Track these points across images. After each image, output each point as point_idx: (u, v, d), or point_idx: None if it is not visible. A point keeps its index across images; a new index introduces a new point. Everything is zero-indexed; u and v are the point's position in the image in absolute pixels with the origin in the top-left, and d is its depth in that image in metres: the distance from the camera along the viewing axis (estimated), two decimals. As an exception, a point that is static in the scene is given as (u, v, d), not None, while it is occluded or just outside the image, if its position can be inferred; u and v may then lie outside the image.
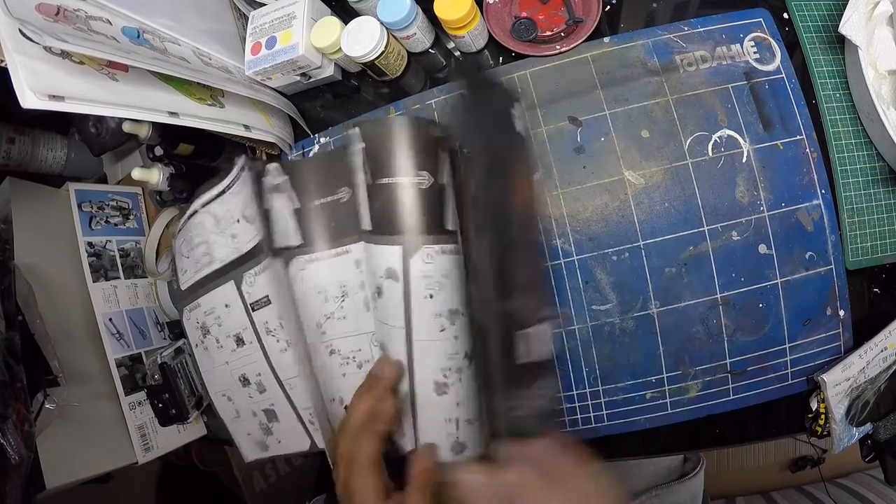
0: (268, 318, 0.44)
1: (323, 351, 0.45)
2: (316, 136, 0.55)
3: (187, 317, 0.51)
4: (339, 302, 0.44)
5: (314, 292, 0.45)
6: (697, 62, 0.47)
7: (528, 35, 0.48)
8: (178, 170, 0.56)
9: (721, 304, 0.45)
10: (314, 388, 0.43)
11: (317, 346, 0.45)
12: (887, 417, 0.45)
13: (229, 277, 0.46)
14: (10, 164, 0.64)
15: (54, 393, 0.50)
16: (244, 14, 0.53)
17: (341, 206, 0.44)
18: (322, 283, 0.44)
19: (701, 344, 0.46)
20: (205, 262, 0.48)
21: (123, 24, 0.42)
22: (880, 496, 0.78)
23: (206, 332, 0.49)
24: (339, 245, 0.44)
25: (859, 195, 0.45)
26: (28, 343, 0.49)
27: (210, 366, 0.51)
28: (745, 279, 0.45)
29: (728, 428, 0.48)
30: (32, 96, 0.32)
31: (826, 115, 0.46)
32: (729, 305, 0.45)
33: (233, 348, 0.48)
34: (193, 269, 0.49)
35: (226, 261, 0.46)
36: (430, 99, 0.51)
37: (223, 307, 0.47)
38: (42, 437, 0.47)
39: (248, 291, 0.45)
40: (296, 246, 0.45)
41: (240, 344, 0.47)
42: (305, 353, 0.44)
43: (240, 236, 0.45)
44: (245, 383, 0.48)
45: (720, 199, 0.45)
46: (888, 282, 0.46)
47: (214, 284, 0.47)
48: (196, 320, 0.50)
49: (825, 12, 0.47)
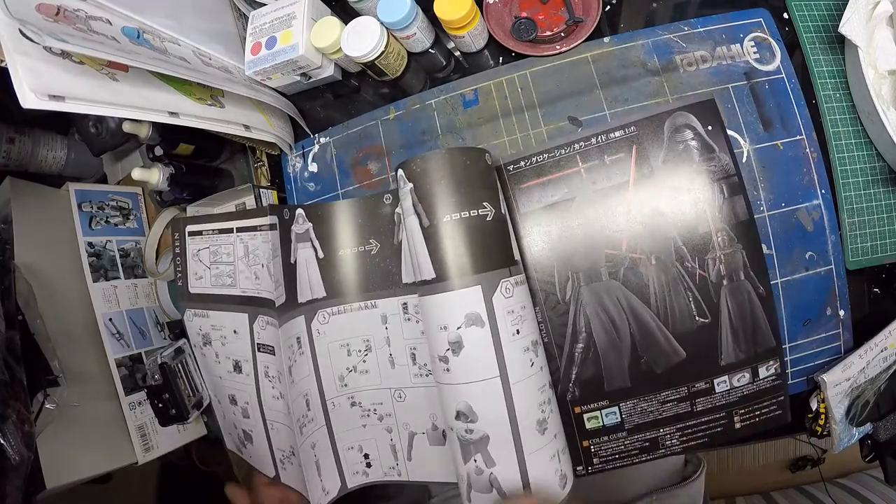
0: (269, 364, 0.44)
1: (344, 402, 0.44)
2: (316, 135, 0.55)
3: (190, 317, 0.51)
4: (361, 356, 0.43)
5: (337, 345, 0.44)
6: (697, 62, 0.47)
7: (528, 35, 0.48)
8: (178, 170, 0.56)
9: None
10: (294, 441, 0.42)
11: (337, 398, 0.44)
12: (887, 417, 0.45)
13: (245, 310, 0.45)
14: (10, 164, 0.64)
15: (54, 393, 0.50)
16: (244, 14, 0.53)
17: (370, 257, 0.43)
18: (345, 336, 0.44)
19: (701, 344, 0.46)
20: (226, 283, 0.47)
21: (123, 24, 0.42)
22: (880, 496, 0.78)
23: (208, 343, 0.49)
24: (366, 298, 0.43)
25: (859, 195, 0.45)
26: (28, 343, 0.49)
27: (205, 370, 0.51)
28: (745, 279, 0.45)
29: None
30: (32, 96, 0.32)
31: (826, 115, 0.46)
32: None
33: (229, 370, 0.47)
34: (211, 281, 0.48)
35: (246, 293, 0.45)
36: (430, 99, 0.51)
37: (232, 332, 0.47)
38: (42, 437, 0.47)
39: (258, 332, 0.44)
40: (320, 298, 0.44)
41: (237, 370, 0.47)
42: (301, 407, 0.43)
43: (262, 282, 0.44)
44: (233, 402, 0.48)
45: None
46: (888, 282, 0.46)
47: (230, 307, 0.47)
48: (199, 327, 0.50)
49: (825, 12, 0.47)
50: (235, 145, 0.60)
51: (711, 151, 0.44)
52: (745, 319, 0.43)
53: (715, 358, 0.43)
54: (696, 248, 0.43)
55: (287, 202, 0.56)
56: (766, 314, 0.43)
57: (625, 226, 0.44)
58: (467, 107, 0.50)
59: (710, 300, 0.43)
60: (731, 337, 0.43)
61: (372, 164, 0.53)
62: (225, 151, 0.61)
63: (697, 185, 0.44)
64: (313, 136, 0.56)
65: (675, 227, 0.44)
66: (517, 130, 0.49)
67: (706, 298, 0.43)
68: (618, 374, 0.44)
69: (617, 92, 0.47)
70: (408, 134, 0.52)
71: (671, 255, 0.43)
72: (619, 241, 0.44)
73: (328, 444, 0.44)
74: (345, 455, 0.45)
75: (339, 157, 0.54)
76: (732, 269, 0.43)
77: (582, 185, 0.45)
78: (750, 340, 0.43)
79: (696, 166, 0.44)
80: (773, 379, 0.44)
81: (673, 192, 0.44)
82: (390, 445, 0.45)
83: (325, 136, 0.55)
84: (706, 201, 0.43)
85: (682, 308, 0.43)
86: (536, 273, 0.45)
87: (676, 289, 0.43)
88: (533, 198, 0.45)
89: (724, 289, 0.43)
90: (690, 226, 0.43)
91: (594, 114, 0.47)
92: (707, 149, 0.44)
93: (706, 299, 0.43)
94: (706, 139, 0.44)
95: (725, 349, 0.43)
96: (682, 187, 0.44)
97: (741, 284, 0.43)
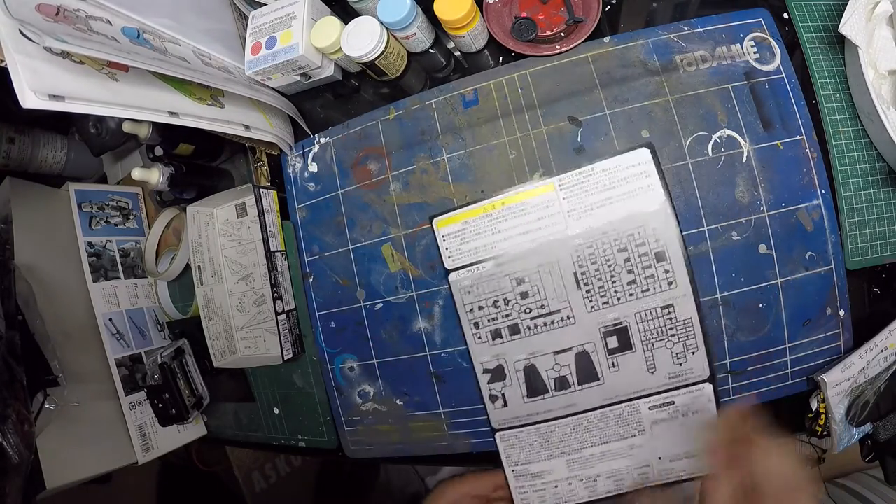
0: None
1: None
2: (316, 135, 0.55)
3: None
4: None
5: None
6: (697, 62, 0.47)
7: (528, 35, 0.48)
8: (178, 170, 0.56)
9: (721, 304, 0.45)
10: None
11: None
12: (887, 417, 0.45)
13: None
14: (10, 164, 0.64)
15: (54, 393, 0.50)
16: (244, 14, 0.53)
17: None
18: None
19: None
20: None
21: (123, 25, 0.42)
22: (880, 496, 0.78)
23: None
24: None
25: (859, 195, 0.45)
26: (28, 343, 0.49)
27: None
28: (745, 279, 0.45)
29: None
30: (32, 96, 0.32)
31: (826, 115, 0.46)
32: (729, 305, 0.45)
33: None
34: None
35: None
36: (430, 99, 0.51)
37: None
38: (42, 437, 0.47)
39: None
40: None
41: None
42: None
43: None
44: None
45: (720, 199, 0.45)
46: (888, 282, 0.46)
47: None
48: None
49: (825, 12, 0.47)
50: (235, 145, 0.60)
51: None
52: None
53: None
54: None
55: (287, 202, 0.56)
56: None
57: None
58: (467, 107, 0.50)
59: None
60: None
61: (372, 164, 0.53)
62: (225, 151, 0.61)
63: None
64: (313, 136, 0.56)
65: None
66: (517, 130, 0.49)
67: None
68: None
69: (617, 92, 0.47)
70: (408, 134, 0.52)
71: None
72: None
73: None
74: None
75: (339, 157, 0.54)
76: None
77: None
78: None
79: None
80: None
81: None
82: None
83: (325, 136, 0.55)
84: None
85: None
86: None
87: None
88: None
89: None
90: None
91: (594, 114, 0.47)
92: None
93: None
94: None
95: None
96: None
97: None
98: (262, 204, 0.53)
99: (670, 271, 0.45)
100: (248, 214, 0.59)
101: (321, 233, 0.55)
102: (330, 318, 0.55)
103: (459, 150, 0.50)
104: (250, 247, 0.58)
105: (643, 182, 0.46)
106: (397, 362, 0.52)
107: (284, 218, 0.57)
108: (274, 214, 0.55)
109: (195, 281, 0.57)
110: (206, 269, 0.58)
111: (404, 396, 0.52)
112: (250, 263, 0.58)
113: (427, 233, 0.50)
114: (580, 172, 0.47)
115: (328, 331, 0.55)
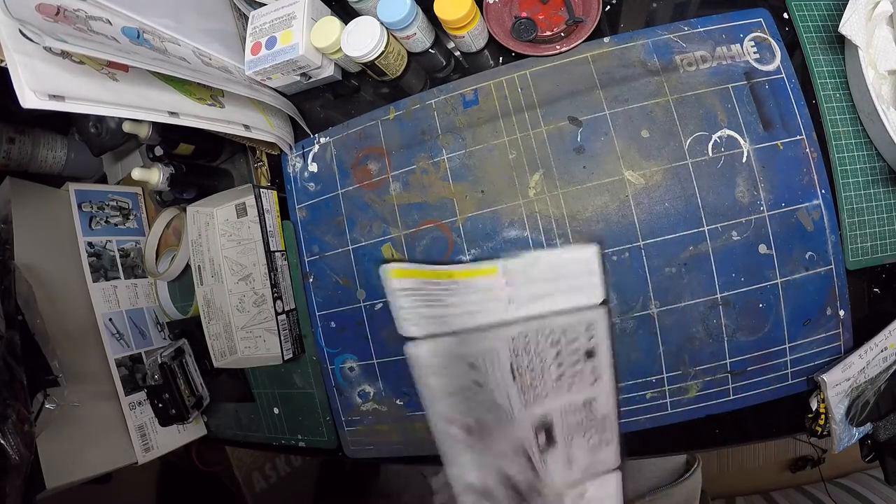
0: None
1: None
2: (316, 135, 0.55)
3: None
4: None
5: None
6: (697, 62, 0.47)
7: (528, 35, 0.48)
8: (178, 170, 0.56)
9: (721, 304, 0.45)
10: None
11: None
12: (887, 417, 0.45)
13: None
14: (10, 164, 0.64)
15: (54, 393, 0.50)
16: (244, 14, 0.53)
17: None
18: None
19: (701, 344, 0.46)
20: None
21: (123, 25, 0.42)
22: (880, 496, 0.78)
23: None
24: None
25: (859, 195, 0.45)
26: (28, 343, 0.49)
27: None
28: (745, 279, 0.45)
29: (728, 428, 0.47)
30: (32, 96, 0.32)
31: (826, 115, 0.46)
32: (729, 305, 0.45)
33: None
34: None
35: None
36: (430, 99, 0.51)
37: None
38: (42, 437, 0.47)
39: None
40: None
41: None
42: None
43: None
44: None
45: (720, 199, 0.45)
46: (888, 282, 0.46)
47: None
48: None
49: (825, 12, 0.47)
50: (235, 145, 0.60)
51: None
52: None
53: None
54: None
55: (287, 202, 0.56)
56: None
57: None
58: (467, 107, 0.50)
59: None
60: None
61: (372, 164, 0.53)
62: (225, 151, 0.61)
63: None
64: (313, 136, 0.56)
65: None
66: (517, 130, 0.49)
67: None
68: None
69: (617, 92, 0.47)
70: (408, 134, 0.52)
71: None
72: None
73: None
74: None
75: (339, 157, 0.54)
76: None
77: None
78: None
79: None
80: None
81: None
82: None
83: (325, 136, 0.55)
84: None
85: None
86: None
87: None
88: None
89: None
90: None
91: (594, 114, 0.47)
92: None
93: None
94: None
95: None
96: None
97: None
98: (262, 204, 0.53)
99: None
100: (248, 214, 0.59)
101: (321, 233, 0.55)
102: (330, 318, 0.55)
103: (459, 150, 0.50)
104: (250, 247, 0.58)
105: (587, 279, 0.46)
106: (397, 362, 0.52)
107: (284, 218, 0.57)
108: (274, 214, 0.55)
109: (195, 281, 0.57)
110: (206, 269, 0.58)
111: (404, 396, 0.52)
112: (250, 263, 0.58)
113: (427, 232, 0.50)
114: (526, 261, 0.47)
115: (328, 331, 0.55)
